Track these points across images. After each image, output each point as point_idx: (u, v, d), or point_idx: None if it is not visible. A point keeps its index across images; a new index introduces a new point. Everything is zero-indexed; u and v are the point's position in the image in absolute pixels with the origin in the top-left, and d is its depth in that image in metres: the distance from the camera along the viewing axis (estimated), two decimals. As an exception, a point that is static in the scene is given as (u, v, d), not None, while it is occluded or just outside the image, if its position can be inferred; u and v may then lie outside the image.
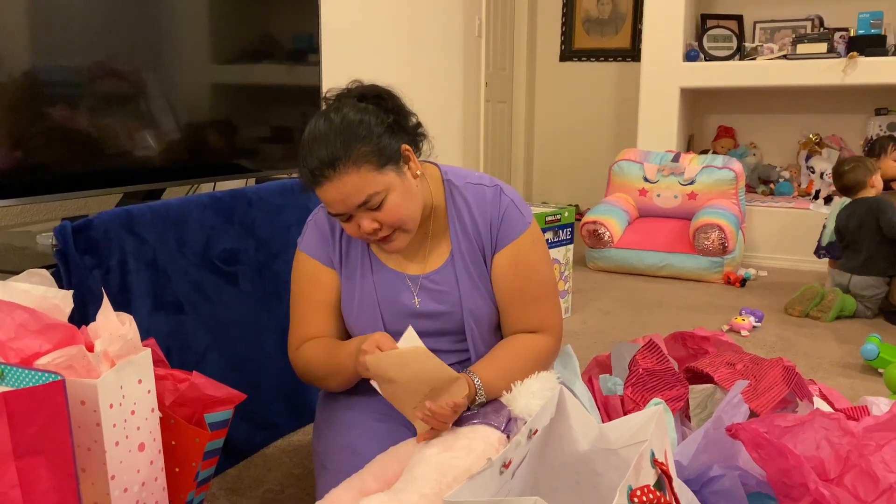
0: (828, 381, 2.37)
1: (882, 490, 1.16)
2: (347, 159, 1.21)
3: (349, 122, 1.23)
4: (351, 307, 1.41)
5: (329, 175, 1.21)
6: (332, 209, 1.26)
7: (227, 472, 1.76)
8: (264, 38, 2.20)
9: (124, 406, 1.11)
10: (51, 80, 1.59)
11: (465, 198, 1.39)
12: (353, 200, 1.23)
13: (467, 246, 1.38)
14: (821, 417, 1.25)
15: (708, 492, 1.23)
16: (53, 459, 0.97)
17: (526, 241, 1.38)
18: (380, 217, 1.26)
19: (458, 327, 1.39)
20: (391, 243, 1.31)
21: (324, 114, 1.26)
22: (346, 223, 1.29)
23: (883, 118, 4.44)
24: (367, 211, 1.25)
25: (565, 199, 5.55)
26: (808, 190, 4.53)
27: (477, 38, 4.71)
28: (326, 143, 1.21)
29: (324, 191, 1.24)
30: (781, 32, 4.62)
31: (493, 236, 1.37)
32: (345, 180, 1.21)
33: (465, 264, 1.38)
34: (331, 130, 1.22)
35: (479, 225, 1.38)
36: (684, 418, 1.62)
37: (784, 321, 3.12)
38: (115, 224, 1.45)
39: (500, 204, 1.38)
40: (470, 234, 1.38)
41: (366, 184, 1.22)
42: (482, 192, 1.39)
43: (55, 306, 1.14)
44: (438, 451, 1.20)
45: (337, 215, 1.27)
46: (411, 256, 1.41)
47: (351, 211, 1.25)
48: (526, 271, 1.38)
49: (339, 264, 1.42)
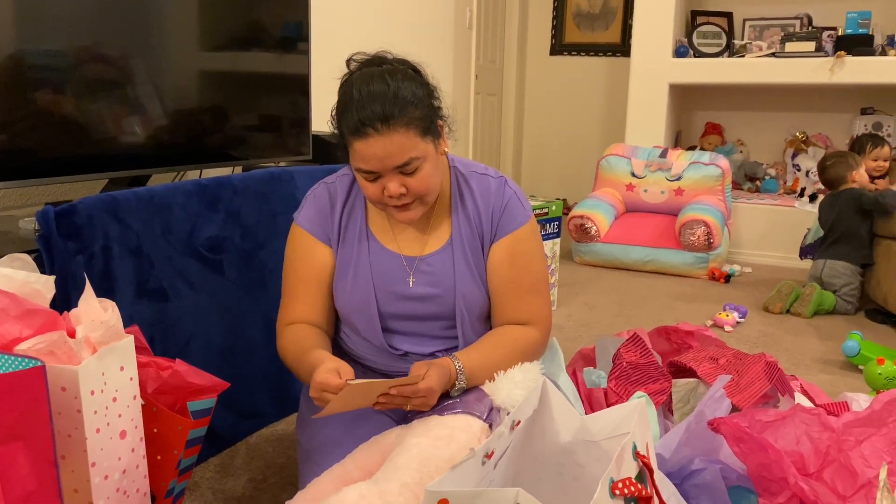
0: (809, 376, 2.40)
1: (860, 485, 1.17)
2: (400, 119, 1.22)
3: (406, 86, 1.25)
4: (345, 285, 1.40)
5: (379, 129, 1.22)
6: (367, 165, 1.26)
7: (210, 461, 1.75)
8: (254, 26, 2.18)
9: (106, 393, 1.10)
10: (36, 64, 1.57)
11: (470, 186, 1.41)
12: (393, 160, 1.24)
13: (467, 232, 1.40)
14: (801, 413, 1.27)
15: (689, 485, 1.24)
16: (32, 446, 0.96)
17: (524, 233, 1.40)
18: (409, 183, 1.27)
19: (449, 312, 1.39)
20: (407, 212, 1.31)
21: (378, 75, 1.26)
22: (370, 183, 1.29)
23: (869, 117, 4.47)
24: (399, 175, 1.26)
25: (553, 193, 5.55)
26: (794, 188, 4.56)
27: (468, 29, 4.69)
28: (383, 101, 1.22)
29: (368, 144, 1.23)
30: (770, 30, 4.64)
31: (493, 225, 1.39)
32: (393, 138, 1.22)
33: (463, 250, 1.39)
34: (388, 90, 1.23)
35: (482, 213, 1.40)
36: (667, 412, 1.63)
37: (767, 317, 3.15)
38: (99, 210, 1.44)
39: (503, 195, 1.40)
40: (471, 220, 1.40)
41: (410, 147, 1.24)
42: (487, 181, 1.41)
43: (36, 291, 1.13)
44: (420, 440, 1.20)
45: (368, 173, 1.27)
46: (410, 238, 1.41)
47: (385, 171, 1.26)
48: (522, 262, 1.39)
49: (335, 241, 1.42)
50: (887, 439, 1.24)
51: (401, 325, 1.41)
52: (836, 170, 3.42)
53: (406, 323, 1.41)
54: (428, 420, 1.26)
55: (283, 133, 2.30)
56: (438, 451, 1.17)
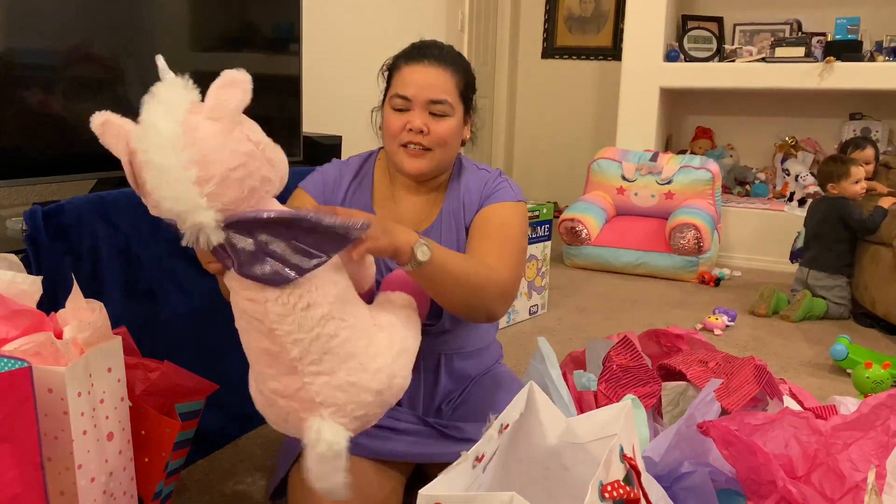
0: (798, 380, 2.41)
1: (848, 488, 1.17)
2: (450, 65, 1.38)
3: (458, 53, 1.43)
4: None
5: (431, 60, 1.36)
6: (405, 90, 1.36)
7: (198, 463, 1.74)
8: (245, 26, 2.17)
9: (93, 394, 1.10)
10: (24, 63, 1.56)
11: (468, 173, 1.51)
12: (431, 92, 1.35)
13: (455, 207, 1.47)
14: (790, 416, 1.27)
15: (678, 488, 1.24)
16: (18, 448, 0.95)
17: (508, 207, 1.44)
18: (432, 125, 1.36)
19: None
20: (417, 159, 1.38)
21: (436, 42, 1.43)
22: (397, 113, 1.37)
23: (857, 122, 4.50)
24: (427, 114, 1.36)
25: (544, 196, 5.56)
26: (784, 192, 4.58)
27: (459, 32, 4.70)
28: (441, 47, 1.40)
29: (415, 70, 1.36)
30: (760, 35, 4.66)
31: (482, 198, 1.46)
32: (439, 72, 1.36)
33: (450, 223, 1.46)
34: (445, 47, 1.41)
35: (473, 192, 1.47)
36: (657, 415, 1.63)
37: (756, 321, 3.16)
38: (88, 210, 1.43)
39: (496, 182, 1.48)
40: (461, 193, 1.47)
41: (448, 89, 1.37)
42: (485, 175, 1.50)
43: (23, 292, 1.13)
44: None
45: (402, 99, 1.36)
46: (411, 215, 1.47)
47: (418, 103, 1.35)
48: (498, 227, 1.40)
49: (340, 205, 1.45)
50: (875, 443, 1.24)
51: None
52: (820, 176, 3.50)
53: None
54: None
55: (274, 134, 2.26)
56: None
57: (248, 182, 0.93)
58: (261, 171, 0.95)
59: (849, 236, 3.28)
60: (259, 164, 0.95)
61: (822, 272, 3.30)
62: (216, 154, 0.90)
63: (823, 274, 3.30)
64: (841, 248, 3.29)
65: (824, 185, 3.43)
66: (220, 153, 0.90)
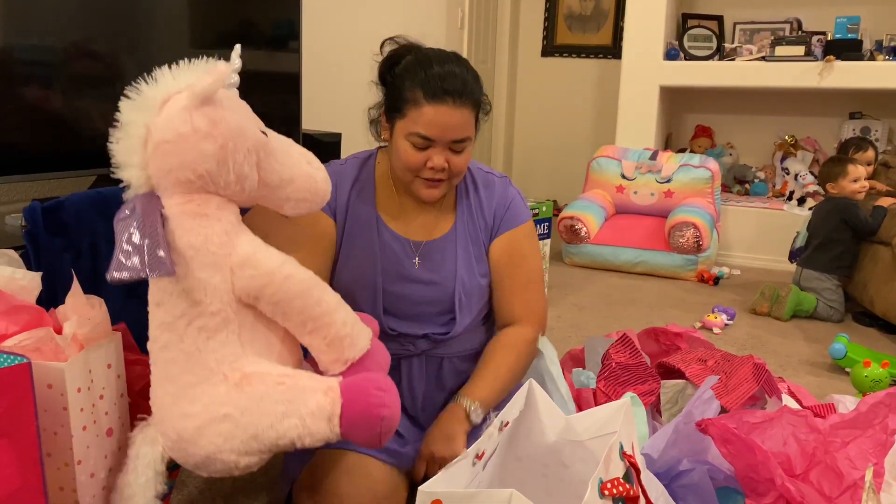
0: (796, 378, 2.41)
1: (846, 486, 1.18)
2: (472, 99, 1.32)
3: (475, 75, 1.36)
4: (354, 254, 1.42)
5: (455, 100, 1.29)
6: (428, 131, 1.30)
7: (197, 460, 1.74)
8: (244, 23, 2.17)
9: (92, 390, 1.10)
10: (24, 60, 1.56)
11: (475, 180, 1.49)
12: (454, 133, 1.31)
13: (470, 223, 1.46)
14: (788, 414, 1.27)
15: (677, 485, 1.25)
16: (17, 443, 0.95)
17: (523, 231, 1.48)
18: (452, 160, 1.34)
19: (447, 297, 1.43)
20: (435, 189, 1.37)
21: (454, 58, 1.35)
22: (416, 151, 1.33)
23: (857, 122, 4.50)
24: (448, 150, 1.33)
25: (543, 194, 5.55)
26: (783, 191, 4.58)
27: (459, 30, 4.69)
28: (463, 79, 1.31)
29: (440, 111, 1.29)
30: (760, 34, 4.66)
31: (497, 220, 1.46)
32: (462, 112, 1.30)
33: (465, 239, 1.45)
34: (466, 73, 1.33)
35: (485, 208, 1.46)
36: (655, 413, 1.63)
37: (755, 320, 3.16)
38: (87, 206, 1.43)
39: (507, 193, 1.49)
40: (474, 212, 1.46)
41: (470, 126, 1.34)
42: (491, 179, 1.50)
43: (22, 288, 1.13)
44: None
45: (423, 139, 1.31)
46: (417, 225, 1.46)
47: (440, 142, 1.31)
48: (518, 259, 1.46)
49: (342, 215, 1.44)
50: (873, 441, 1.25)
51: (400, 306, 1.43)
52: (819, 177, 3.50)
53: (405, 305, 1.43)
54: None
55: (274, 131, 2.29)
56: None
57: (169, 160, 0.97)
58: (187, 158, 0.97)
59: (849, 238, 3.27)
60: (189, 151, 0.97)
61: (814, 271, 3.30)
62: (161, 122, 0.96)
63: (814, 273, 3.29)
64: (837, 249, 3.28)
65: (825, 186, 3.44)
66: (162, 124, 0.96)
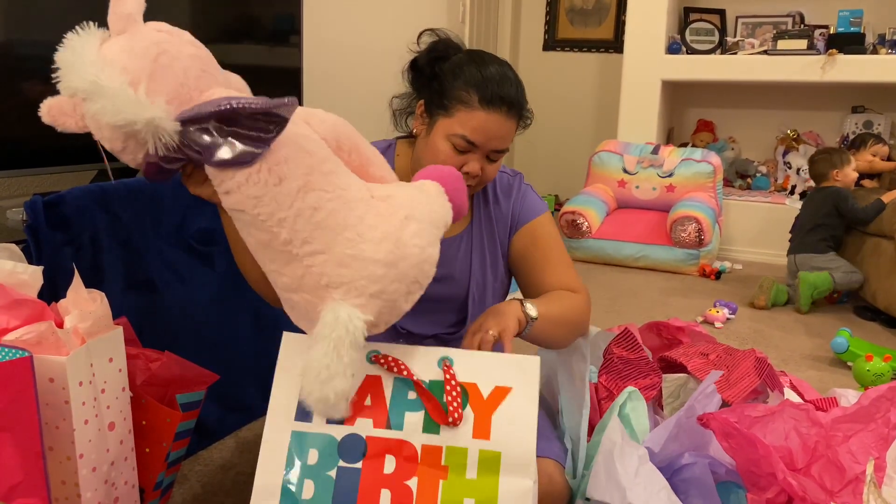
0: (798, 372, 2.41)
1: (848, 480, 1.18)
2: (521, 111, 1.31)
3: (523, 84, 1.34)
4: None
5: (506, 110, 1.26)
6: (475, 136, 1.26)
7: (199, 454, 1.74)
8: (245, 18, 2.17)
9: (94, 384, 1.10)
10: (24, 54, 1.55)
11: (494, 181, 1.47)
12: (499, 142, 1.28)
13: (486, 221, 1.44)
14: (790, 408, 1.27)
15: (678, 479, 1.25)
16: (19, 437, 0.95)
17: (543, 220, 1.45)
18: (486, 168, 1.31)
19: (460, 295, 1.42)
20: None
21: (509, 66, 1.32)
22: (455, 154, 1.28)
23: (859, 116, 4.49)
24: (485, 157, 1.30)
25: (545, 189, 5.55)
26: (785, 185, 4.57)
27: (460, 24, 4.68)
28: (518, 91, 1.30)
29: (491, 118, 1.25)
30: (763, 28, 4.65)
31: (513, 217, 1.44)
32: (509, 124, 1.28)
33: (481, 237, 1.43)
34: (520, 86, 1.31)
35: (502, 205, 1.44)
36: (657, 407, 1.63)
37: (757, 314, 3.16)
38: (88, 200, 1.43)
39: (520, 188, 1.47)
40: (491, 211, 1.44)
41: (512, 137, 1.31)
42: (504, 176, 1.47)
43: (24, 282, 1.12)
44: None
45: (467, 143, 1.27)
46: None
47: (483, 148, 1.28)
48: (546, 243, 1.43)
49: None
50: (875, 435, 1.24)
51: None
52: (818, 167, 3.50)
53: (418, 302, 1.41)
54: None
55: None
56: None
57: (177, 65, 0.94)
58: (184, 50, 0.96)
59: (838, 223, 3.30)
60: (178, 45, 0.96)
61: (810, 253, 3.32)
62: (132, 56, 0.92)
63: (810, 255, 3.31)
64: (826, 233, 3.33)
65: (821, 176, 3.45)
66: (135, 54, 0.93)
